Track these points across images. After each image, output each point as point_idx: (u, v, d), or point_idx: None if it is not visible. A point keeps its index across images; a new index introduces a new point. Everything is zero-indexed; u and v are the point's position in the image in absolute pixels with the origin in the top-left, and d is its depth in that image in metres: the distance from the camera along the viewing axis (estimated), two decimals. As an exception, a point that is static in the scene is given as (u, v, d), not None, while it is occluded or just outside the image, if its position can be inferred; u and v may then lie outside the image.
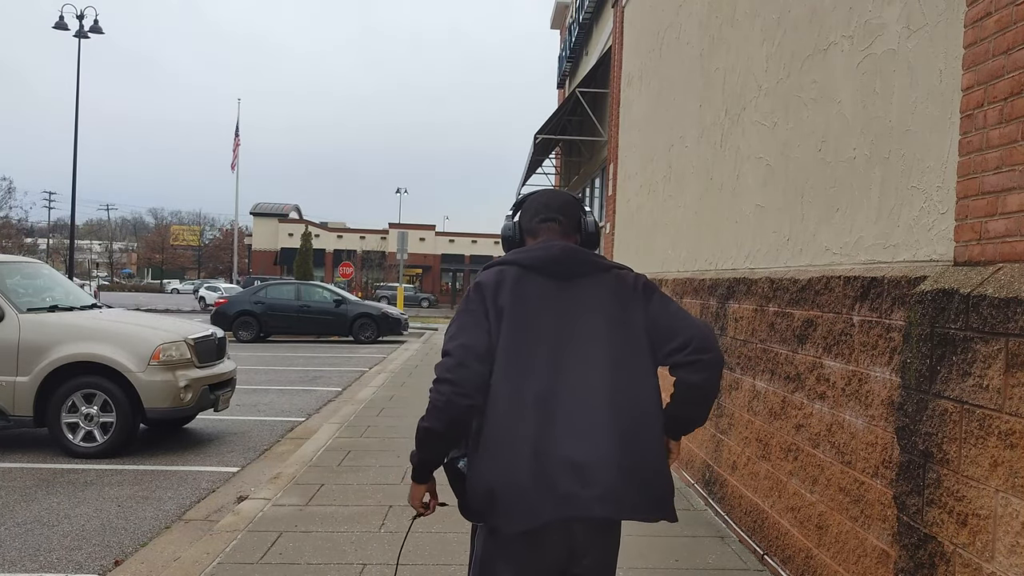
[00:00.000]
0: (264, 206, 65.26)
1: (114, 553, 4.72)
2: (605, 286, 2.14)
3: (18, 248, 49.11)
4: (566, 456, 1.99)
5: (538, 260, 2.14)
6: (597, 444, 2.01)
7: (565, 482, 1.98)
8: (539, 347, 2.06)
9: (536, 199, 2.36)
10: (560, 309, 2.10)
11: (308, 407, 10.12)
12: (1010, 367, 2.34)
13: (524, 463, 1.98)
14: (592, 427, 2.02)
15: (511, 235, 2.36)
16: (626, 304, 2.13)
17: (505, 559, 2.04)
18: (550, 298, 2.10)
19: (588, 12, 15.99)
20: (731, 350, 5.13)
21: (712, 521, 5.16)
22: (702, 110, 6.35)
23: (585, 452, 2.00)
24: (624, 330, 2.10)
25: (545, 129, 16.51)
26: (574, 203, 2.38)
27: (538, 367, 2.05)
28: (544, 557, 2.04)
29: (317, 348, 19.35)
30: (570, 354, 2.07)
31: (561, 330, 2.08)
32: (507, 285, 2.10)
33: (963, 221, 2.74)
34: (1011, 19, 2.51)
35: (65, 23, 25.29)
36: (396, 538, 4.67)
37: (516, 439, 2.00)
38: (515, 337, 2.05)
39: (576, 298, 2.12)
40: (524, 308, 2.08)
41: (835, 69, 3.89)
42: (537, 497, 1.97)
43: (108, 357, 7.06)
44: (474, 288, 2.15)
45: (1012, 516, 2.31)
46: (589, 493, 1.99)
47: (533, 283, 2.11)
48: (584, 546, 2.06)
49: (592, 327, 2.09)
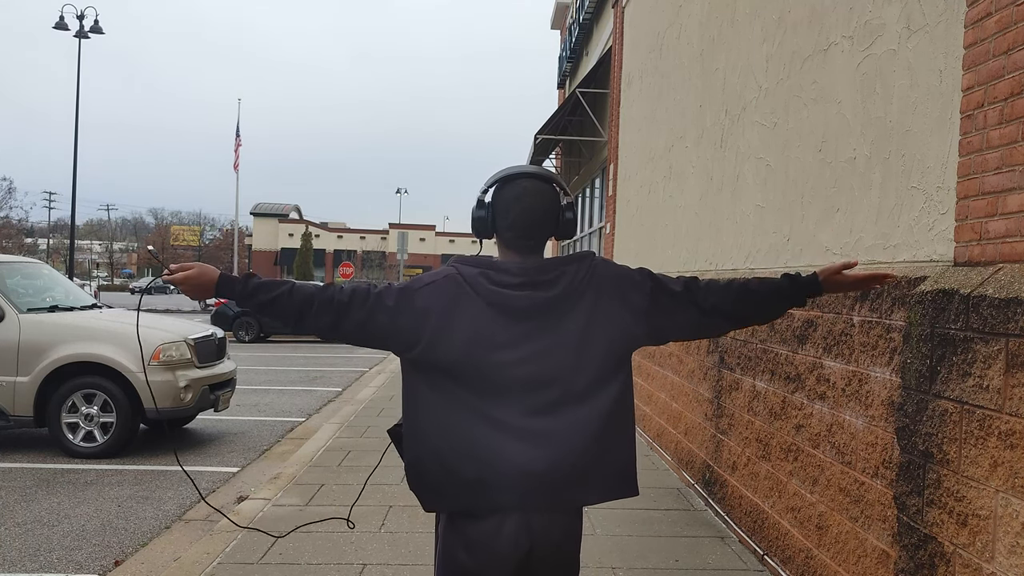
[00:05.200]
0: (264, 206, 65.24)
1: (114, 553, 4.72)
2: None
3: (18, 248, 49.14)
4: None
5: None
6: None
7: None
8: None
9: (511, 199, 2.08)
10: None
11: (308, 407, 10.12)
12: (1010, 367, 2.34)
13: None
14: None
15: (483, 227, 2.15)
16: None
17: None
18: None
19: (588, 12, 15.99)
20: (731, 350, 5.13)
21: (712, 521, 5.16)
22: (702, 110, 6.35)
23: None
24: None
25: (545, 129, 16.50)
26: (551, 217, 2.10)
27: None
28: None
29: (317, 348, 19.35)
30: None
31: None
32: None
33: (963, 221, 2.74)
34: (1011, 19, 2.51)
35: (65, 23, 25.29)
36: (396, 538, 4.67)
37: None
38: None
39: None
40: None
41: (835, 69, 3.89)
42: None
43: (108, 357, 7.07)
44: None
45: (1012, 516, 2.31)
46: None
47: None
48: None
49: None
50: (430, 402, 2.03)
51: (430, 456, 2.02)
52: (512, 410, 2.00)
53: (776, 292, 2.16)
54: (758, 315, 2.19)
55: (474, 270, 2.04)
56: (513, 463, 1.96)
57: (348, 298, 2.05)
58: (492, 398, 2.00)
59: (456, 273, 2.05)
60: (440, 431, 2.01)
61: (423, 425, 2.03)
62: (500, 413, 1.99)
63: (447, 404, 2.01)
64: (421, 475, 2.06)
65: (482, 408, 2.00)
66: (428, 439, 2.02)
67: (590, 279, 2.07)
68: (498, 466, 1.97)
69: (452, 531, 2.07)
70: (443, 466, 2.00)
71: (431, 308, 2.01)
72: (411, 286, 2.07)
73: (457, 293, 2.02)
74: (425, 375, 2.03)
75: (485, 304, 2.01)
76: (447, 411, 2.01)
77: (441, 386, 2.02)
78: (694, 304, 2.12)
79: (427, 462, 2.03)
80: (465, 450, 1.99)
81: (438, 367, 2.01)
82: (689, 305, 2.12)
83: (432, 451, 2.02)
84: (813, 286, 2.17)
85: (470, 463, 1.98)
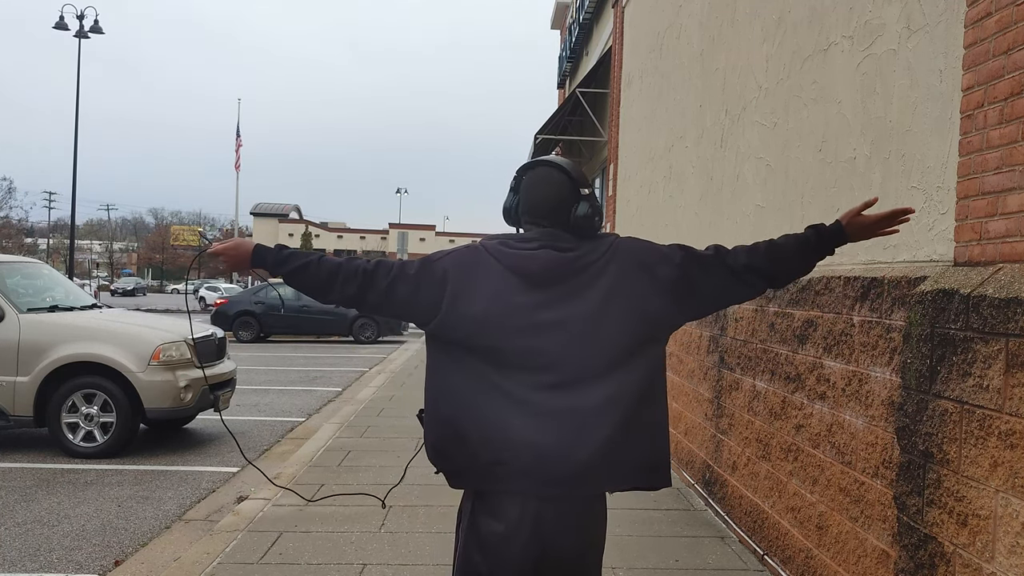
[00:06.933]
0: (264, 206, 65.24)
1: (114, 553, 4.72)
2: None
3: (18, 248, 49.14)
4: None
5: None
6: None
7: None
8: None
9: (527, 184, 2.16)
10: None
11: (308, 407, 10.12)
12: (1010, 367, 2.34)
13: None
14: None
15: (509, 213, 2.26)
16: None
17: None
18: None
19: (588, 12, 15.98)
20: (731, 350, 5.13)
21: (712, 521, 5.16)
22: (702, 110, 6.35)
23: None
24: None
25: (545, 129, 16.50)
26: (562, 203, 2.11)
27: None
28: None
29: (317, 348, 19.36)
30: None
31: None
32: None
33: (963, 221, 2.74)
34: (1011, 19, 2.51)
35: (65, 23, 25.29)
36: (396, 538, 4.67)
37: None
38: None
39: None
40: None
41: (835, 69, 3.89)
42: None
43: (108, 357, 7.07)
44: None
45: (1012, 516, 2.30)
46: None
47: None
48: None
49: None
50: (449, 375, 2.05)
51: (448, 430, 2.04)
52: (527, 385, 1.99)
53: (803, 244, 2.15)
54: (789, 269, 2.16)
55: (495, 241, 2.10)
56: (525, 440, 1.96)
57: (373, 268, 2.11)
58: (508, 371, 2.00)
59: (478, 244, 2.11)
60: (458, 404, 2.03)
61: (442, 400, 2.06)
62: (517, 388, 1.99)
63: (465, 377, 2.03)
64: (440, 451, 2.07)
65: (499, 382, 2.00)
66: (446, 413, 2.04)
67: (613, 254, 2.06)
68: (511, 443, 1.97)
69: (470, 532, 2.07)
70: (460, 440, 2.02)
71: (449, 274, 2.05)
72: (432, 256, 2.13)
73: (476, 260, 2.06)
74: (446, 349, 2.06)
75: (504, 268, 2.03)
76: (465, 384, 2.03)
77: (459, 359, 2.04)
78: (724, 266, 2.11)
79: (446, 436, 2.05)
80: (480, 424, 1.99)
81: (457, 338, 2.03)
82: (720, 267, 2.11)
83: (449, 424, 2.04)
84: (839, 235, 2.15)
85: (485, 437, 1.99)
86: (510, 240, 2.09)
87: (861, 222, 2.15)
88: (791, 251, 2.14)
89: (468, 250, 2.11)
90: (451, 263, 2.07)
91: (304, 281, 2.14)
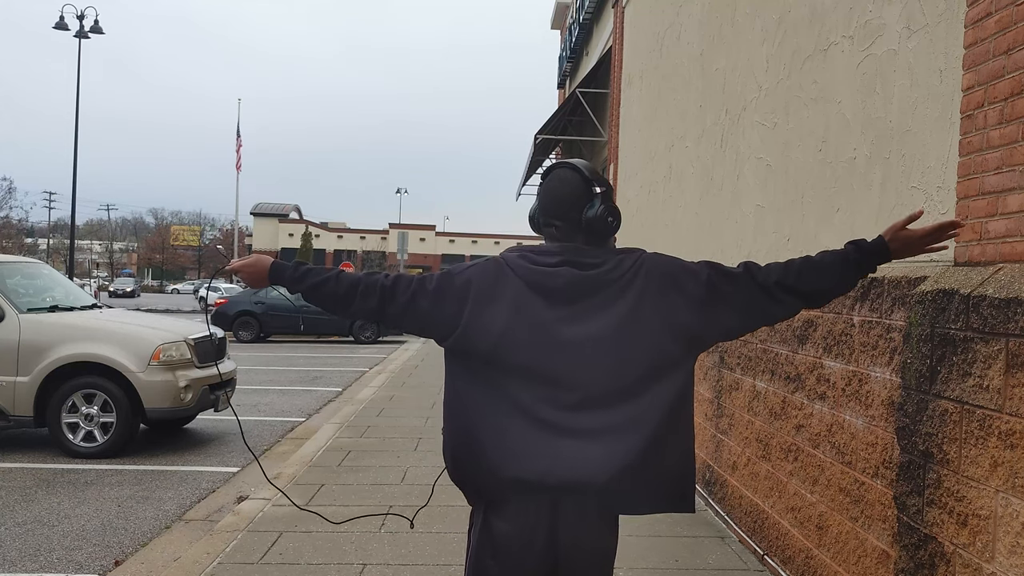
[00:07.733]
0: (264, 206, 65.25)
1: (114, 553, 4.72)
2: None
3: (18, 248, 49.11)
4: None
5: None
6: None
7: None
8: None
9: (545, 188, 2.13)
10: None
11: (308, 407, 10.12)
12: (1010, 367, 2.34)
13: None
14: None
15: (533, 220, 2.24)
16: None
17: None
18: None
19: (588, 12, 15.98)
20: (731, 350, 5.13)
21: (712, 521, 5.16)
22: (702, 110, 6.35)
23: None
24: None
25: (545, 129, 16.51)
26: (575, 201, 2.08)
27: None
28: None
29: (317, 348, 19.36)
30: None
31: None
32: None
33: (963, 221, 2.74)
34: (1011, 19, 2.51)
35: (65, 23, 25.29)
36: (396, 538, 4.67)
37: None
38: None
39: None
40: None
41: (835, 69, 3.89)
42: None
43: (108, 357, 7.07)
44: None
45: (1012, 516, 2.30)
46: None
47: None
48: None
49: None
50: (467, 392, 2.02)
51: (466, 449, 2.01)
52: (548, 403, 1.95)
53: (842, 261, 2.03)
54: (826, 288, 2.05)
55: (515, 254, 2.06)
56: (544, 461, 1.92)
57: (393, 282, 2.09)
58: (529, 389, 1.95)
59: (499, 258, 2.08)
60: (476, 421, 1.99)
61: (461, 416, 2.03)
62: (536, 406, 1.95)
63: (484, 394, 1.99)
64: (458, 467, 2.05)
65: (519, 399, 1.95)
66: (463, 429, 2.02)
67: (637, 270, 2.00)
68: (530, 464, 1.93)
69: (483, 536, 2.05)
70: (478, 458, 1.98)
71: (470, 289, 2.01)
72: (452, 270, 2.09)
73: (497, 274, 2.02)
74: (464, 364, 2.03)
75: (524, 285, 1.99)
76: (484, 401, 1.99)
77: (478, 375, 2.00)
78: (755, 283, 2.02)
79: (463, 454, 2.02)
80: (498, 442, 1.96)
81: (476, 354, 1.99)
82: (750, 284, 2.03)
83: (468, 443, 2.00)
84: (881, 251, 2.02)
85: (503, 457, 1.95)
86: (531, 254, 2.04)
87: (906, 237, 2.02)
88: (828, 268, 2.03)
89: (489, 265, 2.06)
90: (472, 277, 2.03)
91: (323, 296, 2.13)
